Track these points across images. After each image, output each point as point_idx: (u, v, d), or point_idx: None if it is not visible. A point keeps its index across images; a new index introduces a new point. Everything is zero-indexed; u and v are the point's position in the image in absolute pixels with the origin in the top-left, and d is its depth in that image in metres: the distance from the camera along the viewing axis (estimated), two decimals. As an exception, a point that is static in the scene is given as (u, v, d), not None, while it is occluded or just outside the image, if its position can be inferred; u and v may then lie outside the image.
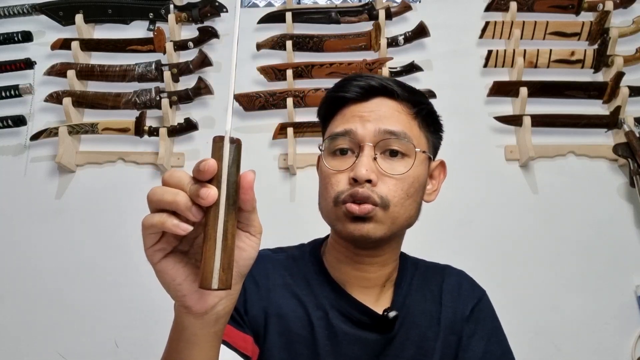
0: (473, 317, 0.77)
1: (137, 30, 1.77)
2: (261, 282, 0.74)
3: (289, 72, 1.66)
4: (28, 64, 1.70)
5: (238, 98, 1.66)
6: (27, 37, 1.72)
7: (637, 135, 1.54)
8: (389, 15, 1.70)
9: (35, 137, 1.65)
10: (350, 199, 0.67)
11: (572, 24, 1.67)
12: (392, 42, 1.69)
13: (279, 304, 0.73)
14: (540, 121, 1.60)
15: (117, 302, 1.54)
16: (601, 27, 1.64)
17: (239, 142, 0.43)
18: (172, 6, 1.72)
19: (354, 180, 0.67)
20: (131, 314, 1.52)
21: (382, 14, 1.69)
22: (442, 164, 0.79)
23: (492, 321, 0.79)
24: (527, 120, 1.59)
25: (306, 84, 1.68)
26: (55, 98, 1.67)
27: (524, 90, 1.61)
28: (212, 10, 1.72)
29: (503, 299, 0.83)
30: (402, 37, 1.69)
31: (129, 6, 1.74)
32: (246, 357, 0.67)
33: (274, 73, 1.68)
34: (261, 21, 1.74)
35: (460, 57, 1.73)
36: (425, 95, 0.77)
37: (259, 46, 1.71)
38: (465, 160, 1.60)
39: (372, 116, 0.70)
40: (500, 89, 1.64)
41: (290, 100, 1.63)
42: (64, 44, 1.71)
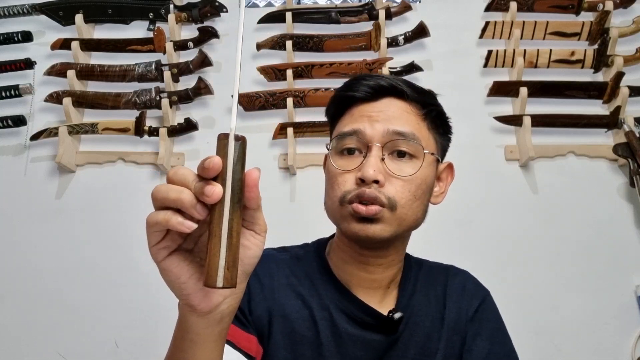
0: (477, 317, 0.77)
1: (137, 30, 1.77)
2: (265, 281, 0.74)
3: (289, 72, 1.66)
4: (28, 64, 1.70)
5: (238, 98, 1.65)
6: (27, 37, 1.72)
7: (637, 135, 1.54)
8: (389, 15, 1.70)
9: (35, 137, 1.65)
10: (357, 199, 0.67)
11: (572, 24, 1.67)
12: (392, 42, 1.69)
13: (283, 304, 0.73)
14: (540, 121, 1.60)
15: (117, 302, 1.54)
16: (601, 27, 1.64)
17: (244, 139, 0.43)
18: (172, 6, 1.72)
19: (361, 181, 0.67)
20: (131, 314, 1.52)
21: (382, 14, 1.68)
22: (450, 167, 0.79)
23: (496, 321, 0.79)
24: (527, 120, 1.59)
25: (306, 84, 1.68)
26: (55, 98, 1.67)
27: (524, 90, 1.61)
28: (212, 10, 1.72)
29: (503, 299, 0.83)
30: (402, 37, 1.69)
31: (129, 6, 1.74)
32: (250, 357, 0.67)
33: (274, 73, 1.68)
34: (261, 21, 1.74)
35: (460, 57, 1.73)
36: (435, 96, 0.77)
37: (259, 46, 1.71)
38: (465, 160, 1.59)
39: (381, 116, 0.70)
40: (500, 89, 1.64)
41: (290, 100, 1.63)
42: (64, 44, 1.71)
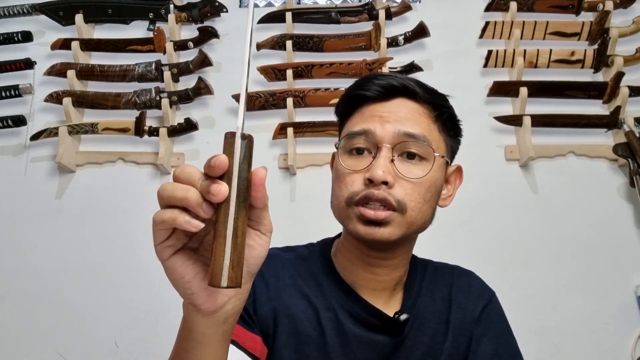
0: (483, 319, 0.77)
1: (137, 30, 1.77)
2: (271, 281, 0.73)
3: (289, 72, 1.66)
4: (28, 64, 1.70)
5: (238, 98, 1.65)
6: (27, 37, 1.72)
7: (637, 135, 1.54)
8: (389, 15, 1.70)
9: (35, 137, 1.65)
10: (365, 201, 0.66)
11: (572, 24, 1.67)
12: (392, 42, 1.69)
13: (288, 304, 0.72)
14: (540, 121, 1.60)
15: (117, 302, 1.54)
16: (601, 27, 1.64)
17: (250, 138, 0.43)
18: (172, 6, 1.72)
19: (370, 181, 0.66)
20: (131, 314, 1.52)
21: (382, 14, 1.69)
22: (459, 170, 0.78)
23: (501, 322, 0.79)
24: (527, 120, 1.59)
25: (306, 84, 1.68)
26: (55, 98, 1.67)
27: (524, 90, 1.61)
28: (212, 10, 1.72)
29: (503, 298, 0.83)
30: (402, 37, 1.69)
31: (129, 6, 1.74)
32: (255, 358, 0.67)
33: (274, 73, 1.68)
34: (261, 21, 1.74)
35: (460, 57, 1.73)
36: (447, 98, 0.76)
37: (259, 46, 1.71)
38: (465, 160, 1.59)
39: (392, 117, 0.69)
40: (500, 89, 1.64)
41: (290, 100, 1.63)
42: (64, 44, 1.71)
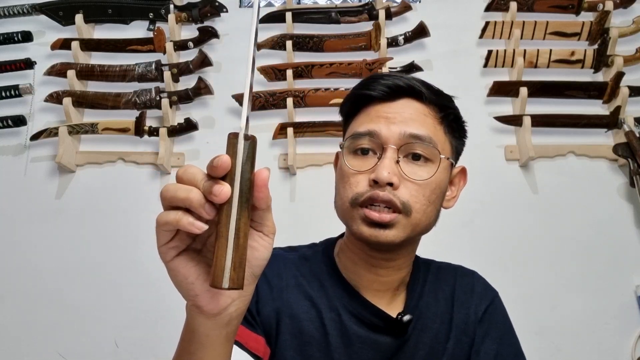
0: (486, 319, 0.77)
1: (137, 30, 1.77)
2: (273, 281, 0.73)
3: (289, 72, 1.66)
4: (28, 64, 1.70)
5: (238, 98, 1.66)
6: (27, 37, 1.72)
7: (637, 135, 1.54)
8: (389, 15, 1.70)
9: (35, 137, 1.65)
10: (370, 202, 0.66)
11: (572, 24, 1.67)
12: (392, 42, 1.69)
13: (291, 304, 0.72)
14: (540, 121, 1.60)
15: (117, 302, 1.54)
16: (601, 27, 1.64)
17: (254, 139, 0.42)
18: (172, 6, 1.72)
19: (375, 182, 0.66)
20: (131, 314, 1.52)
21: (382, 14, 1.69)
22: (463, 171, 0.78)
23: (504, 323, 0.79)
24: (527, 120, 1.59)
25: (306, 84, 1.68)
26: (55, 98, 1.67)
27: (524, 90, 1.61)
28: (212, 10, 1.72)
29: (503, 298, 0.83)
30: (402, 37, 1.69)
31: (129, 6, 1.74)
32: (258, 358, 0.67)
33: (274, 73, 1.68)
34: (261, 21, 1.74)
35: (460, 57, 1.73)
36: (452, 99, 0.75)
37: (259, 46, 1.71)
38: (465, 160, 1.59)
39: (398, 118, 0.68)
40: (500, 89, 1.64)
41: (290, 100, 1.63)
42: (64, 44, 1.71)
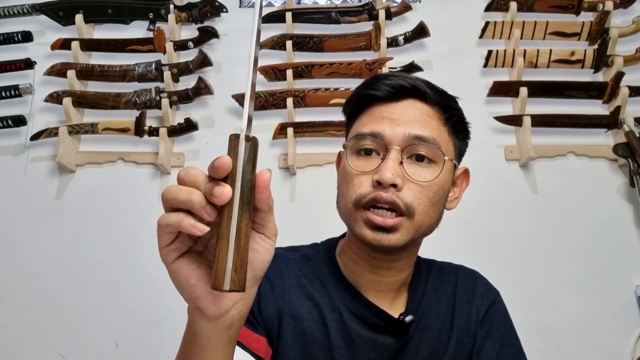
0: (487, 319, 0.77)
1: (137, 30, 1.77)
2: (275, 282, 0.73)
3: (289, 72, 1.66)
4: (28, 64, 1.70)
5: (238, 98, 1.66)
6: (27, 37, 1.72)
7: (637, 135, 1.54)
8: (389, 15, 1.70)
9: (35, 137, 1.65)
10: (373, 203, 0.66)
11: (572, 24, 1.67)
12: (392, 42, 1.69)
13: (293, 305, 0.72)
14: (540, 121, 1.60)
15: (117, 302, 1.54)
16: (601, 27, 1.64)
17: (255, 140, 0.42)
18: (172, 6, 1.72)
19: (378, 183, 0.65)
20: (131, 314, 1.52)
21: (382, 14, 1.68)
22: (466, 172, 0.78)
23: (505, 323, 0.79)
24: (527, 120, 1.59)
25: (306, 84, 1.68)
26: (55, 98, 1.67)
27: (524, 90, 1.61)
28: (212, 10, 1.72)
29: (503, 298, 0.83)
30: (402, 37, 1.69)
31: (129, 6, 1.74)
32: (259, 359, 0.67)
33: (274, 73, 1.68)
34: (261, 21, 1.74)
35: (460, 57, 1.73)
36: (456, 99, 0.75)
37: (259, 46, 1.71)
38: (466, 160, 1.59)
39: (402, 119, 0.68)
40: (500, 89, 1.64)
41: (290, 100, 1.63)
42: (64, 44, 1.71)
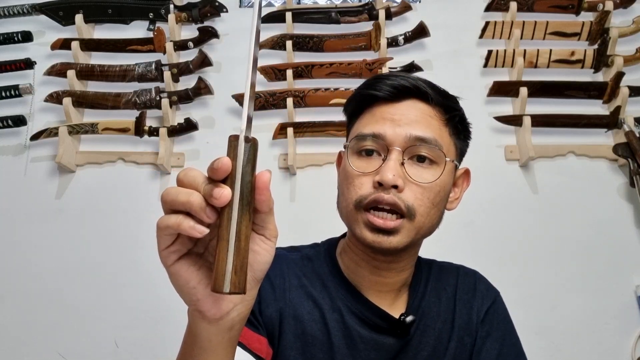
0: (488, 319, 0.77)
1: (137, 30, 1.77)
2: (276, 282, 0.73)
3: (289, 72, 1.66)
4: (28, 64, 1.70)
5: (238, 98, 1.66)
6: (27, 37, 1.72)
7: (637, 135, 1.54)
8: (389, 15, 1.70)
9: (35, 137, 1.65)
10: (374, 205, 0.65)
11: (572, 24, 1.67)
12: (392, 42, 1.69)
13: (294, 305, 0.72)
14: (540, 121, 1.60)
15: (117, 302, 1.54)
16: (601, 27, 1.64)
17: (255, 141, 0.42)
18: (172, 6, 1.72)
19: (379, 184, 0.65)
20: (131, 314, 1.52)
21: (382, 14, 1.68)
22: (467, 173, 0.77)
23: (506, 322, 0.79)
24: (527, 120, 1.59)
25: (306, 84, 1.68)
26: (55, 98, 1.67)
27: (524, 90, 1.61)
28: (212, 10, 1.72)
29: (503, 298, 0.83)
30: (402, 37, 1.69)
31: (129, 6, 1.74)
32: (260, 359, 0.67)
33: (274, 73, 1.68)
34: (261, 21, 1.73)
35: (460, 57, 1.73)
36: (457, 99, 0.75)
37: (259, 46, 1.71)
38: (465, 160, 1.59)
39: (404, 120, 0.68)
40: (500, 89, 1.64)
41: (290, 100, 1.63)
42: (64, 44, 1.71)
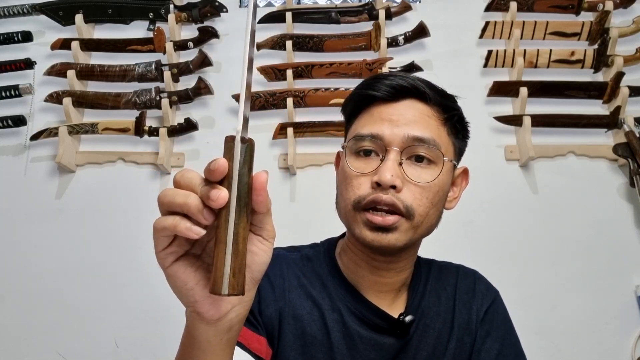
0: (487, 318, 0.77)
1: (137, 30, 1.77)
2: (276, 282, 0.73)
3: (289, 72, 1.66)
4: (28, 64, 1.70)
5: (238, 98, 1.65)
6: (27, 37, 1.72)
7: (637, 135, 1.54)
8: (389, 15, 1.70)
9: (35, 137, 1.65)
10: (372, 205, 0.65)
11: (572, 24, 1.67)
12: (392, 42, 1.69)
13: (294, 304, 0.72)
14: (540, 121, 1.60)
15: (117, 302, 1.54)
16: (601, 27, 1.64)
17: (251, 142, 0.42)
18: (172, 6, 1.72)
19: (377, 185, 0.65)
20: (131, 314, 1.52)
21: (382, 14, 1.68)
22: (465, 172, 0.77)
23: (505, 322, 0.79)
24: (527, 120, 1.59)
25: (306, 84, 1.68)
26: (55, 98, 1.67)
27: (524, 90, 1.61)
28: (212, 10, 1.72)
29: (503, 298, 0.83)
30: (402, 37, 1.69)
31: (129, 6, 1.74)
32: (260, 359, 0.67)
33: (274, 73, 1.68)
34: (261, 21, 1.74)
35: (460, 57, 1.73)
36: (456, 99, 0.75)
37: (259, 46, 1.71)
38: (465, 160, 1.59)
39: (402, 120, 0.68)
40: (500, 89, 1.64)
41: (290, 100, 1.63)
42: (64, 44, 1.71)
